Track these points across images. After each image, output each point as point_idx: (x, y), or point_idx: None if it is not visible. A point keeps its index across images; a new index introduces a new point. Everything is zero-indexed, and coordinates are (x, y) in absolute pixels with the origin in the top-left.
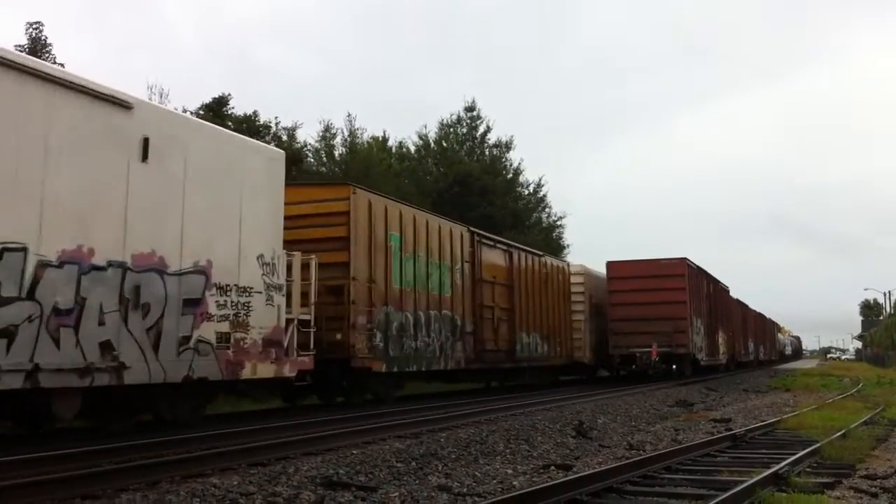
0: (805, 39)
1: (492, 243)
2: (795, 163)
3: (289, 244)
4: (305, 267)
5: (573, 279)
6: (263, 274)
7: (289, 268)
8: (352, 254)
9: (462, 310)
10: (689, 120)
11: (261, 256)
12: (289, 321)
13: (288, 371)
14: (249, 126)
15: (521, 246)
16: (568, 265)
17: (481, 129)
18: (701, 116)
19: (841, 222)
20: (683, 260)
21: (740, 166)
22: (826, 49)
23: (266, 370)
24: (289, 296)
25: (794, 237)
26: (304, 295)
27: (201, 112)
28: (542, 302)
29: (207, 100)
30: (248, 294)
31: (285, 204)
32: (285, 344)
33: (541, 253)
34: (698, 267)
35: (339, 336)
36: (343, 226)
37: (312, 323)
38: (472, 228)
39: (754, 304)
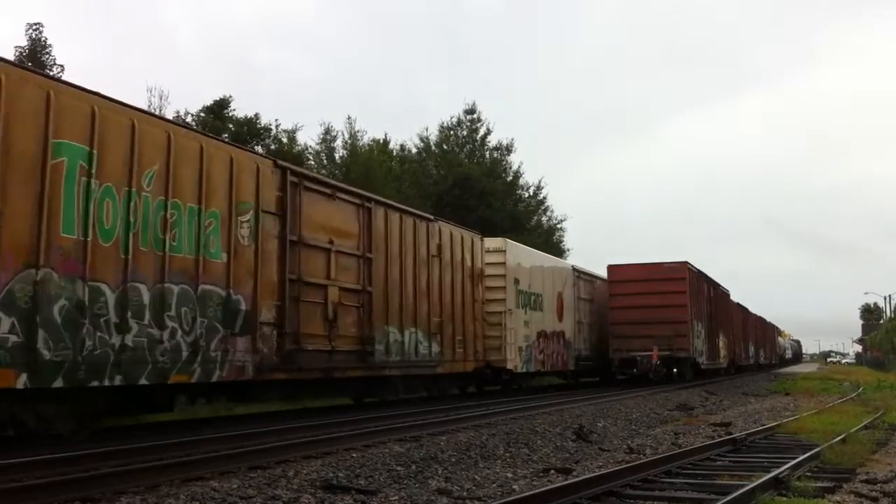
0: (804, 41)
1: (329, 192)
2: (796, 166)
3: None
4: None
5: (489, 258)
6: None
7: None
8: None
9: (254, 286)
10: (688, 122)
11: None
12: None
13: None
14: (251, 129)
15: (390, 202)
16: (480, 237)
17: (482, 131)
18: (700, 118)
19: (841, 226)
20: (684, 264)
21: (740, 169)
22: (832, 49)
23: None
24: None
25: (793, 241)
26: None
27: (202, 114)
28: (430, 284)
29: (209, 102)
30: None
31: None
32: None
33: (430, 216)
34: (699, 271)
35: None
36: None
37: None
38: (282, 162)
39: (754, 308)
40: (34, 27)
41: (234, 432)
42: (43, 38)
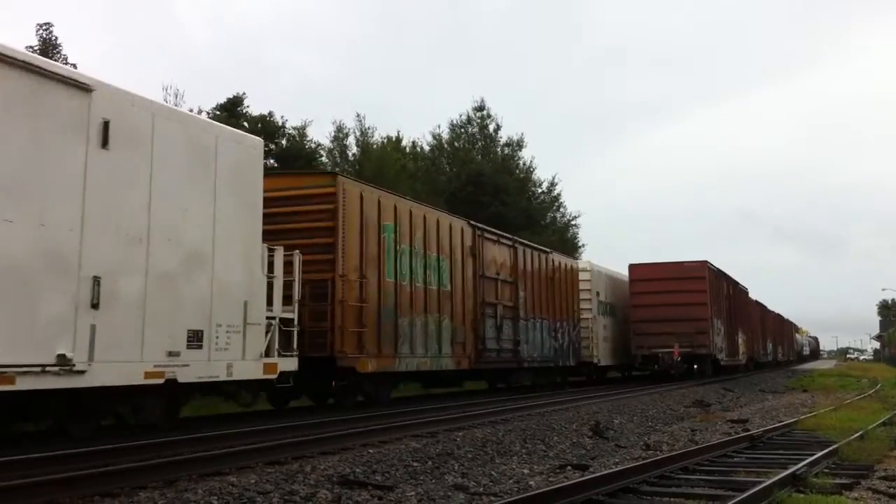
0: (817, 36)
1: None
2: (816, 163)
3: None
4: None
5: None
6: None
7: None
8: None
9: None
10: (700, 118)
11: None
12: None
13: None
14: (265, 126)
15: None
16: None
17: (491, 127)
18: (714, 115)
19: (857, 224)
20: (704, 262)
21: (759, 166)
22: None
23: None
24: None
25: (811, 240)
26: None
27: (216, 112)
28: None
29: (222, 100)
30: None
31: None
32: None
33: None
34: (718, 269)
35: None
36: None
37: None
38: None
39: (772, 305)
40: (44, 27)
41: (250, 428)
42: (53, 38)
